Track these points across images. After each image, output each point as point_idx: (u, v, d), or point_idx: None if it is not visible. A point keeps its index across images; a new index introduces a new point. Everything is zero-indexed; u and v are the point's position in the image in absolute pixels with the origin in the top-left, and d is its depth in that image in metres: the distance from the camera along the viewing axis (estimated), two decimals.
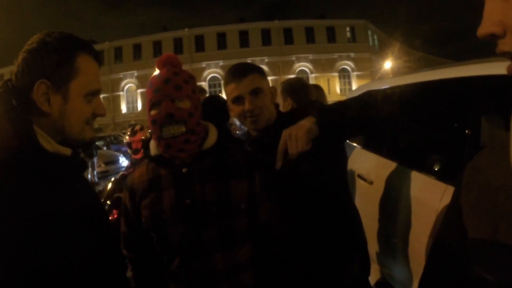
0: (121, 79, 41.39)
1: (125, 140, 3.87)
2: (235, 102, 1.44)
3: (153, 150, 1.30)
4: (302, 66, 40.21)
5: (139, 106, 40.77)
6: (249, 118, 1.43)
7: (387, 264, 2.25)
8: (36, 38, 0.89)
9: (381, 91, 1.40)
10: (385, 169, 2.25)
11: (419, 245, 1.71)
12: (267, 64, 38.45)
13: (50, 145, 0.87)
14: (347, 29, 41.63)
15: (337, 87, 39.75)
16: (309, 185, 1.43)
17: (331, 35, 40.94)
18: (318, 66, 39.69)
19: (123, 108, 41.87)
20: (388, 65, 31.22)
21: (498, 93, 1.65)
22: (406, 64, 32.62)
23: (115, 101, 41.42)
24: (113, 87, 41.09)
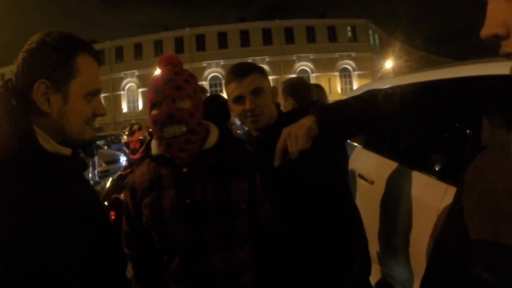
0: (122, 79, 41.41)
1: (123, 140, 3.77)
2: (236, 101, 1.44)
3: (154, 149, 1.30)
4: (303, 65, 40.17)
5: (140, 106, 40.80)
6: (249, 118, 1.43)
7: (388, 264, 2.25)
8: (35, 38, 0.89)
9: (382, 91, 1.39)
10: (386, 169, 2.25)
11: (420, 245, 1.71)
12: (268, 63, 38.43)
13: (50, 145, 0.87)
14: (348, 28, 41.58)
15: (338, 87, 39.69)
16: (309, 184, 1.42)
17: (332, 35, 40.89)
18: (319, 65, 39.65)
19: (124, 107, 41.90)
20: (389, 64, 31.20)
21: (499, 93, 1.65)
22: (407, 63, 32.61)
23: (116, 100, 41.45)
24: (114, 87, 41.12)
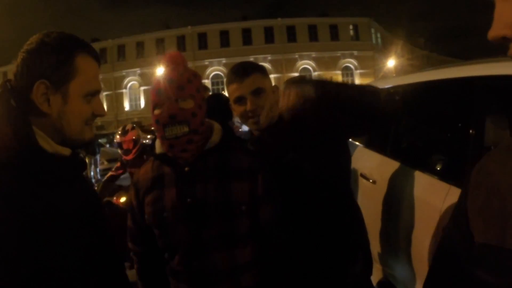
0: (124, 77, 41.48)
1: (115, 140, 3.59)
2: (237, 102, 1.44)
3: (158, 148, 1.30)
4: (305, 64, 40.16)
5: (142, 104, 40.87)
6: (251, 119, 1.43)
7: (390, 264, 2.25)
8: (35, 38, 0.88)
9: (385, 90, 1.38)
10: (388, 168, 2.24)
11: (422, 245, 1.70)
12: (270, 62, 38.42)
13: (49, 145, 0.87)
14: (350, 27, 41.52)
15: None
16: (311, 184, 1.42)
17: (334, 33, 40.84)
18: (321, 64, 39.59)
19: (126, 105, 41.97)
20: (391, 63, 31.17)
21: (502, 93, 1.64)
22: (410, 62, 32.55)
23: (118, 98, 41.53)
24: (116, 85, 41.20)
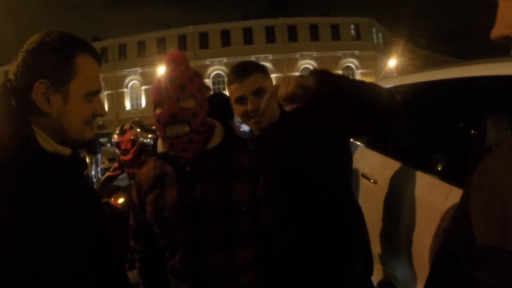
0: (125, 76, 41.51)
1: (113, 139, 3.49)
2: (238, 102, 1.43)
3: (160, 147, 1.30)
4: (306, 63, 40.12)
5: (143, 103, 40.89)
6: (252, 119, 1.43)
7: (390, 264, 2.24)
8: (35, 38, 0.88)
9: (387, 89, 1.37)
10: (389, 168, 2.24)
11: (423, 245, 1.70)
12: (271, 61, 38.41)
13: (49, 145, 0.87)
14: (352, 26, 41.49)
15: None
16: (312, 183, 1.41)
17: (336, 33, 40.82)
18: (322, 63, 39.49)
19: (127, 105, 42.01)
20: (392, 63, 31.12)
21: (504, 93, 1.64)
22: (411, 62, 32.48)
23: (119, 98, 41.57)
24: (117, 84, 41.24)
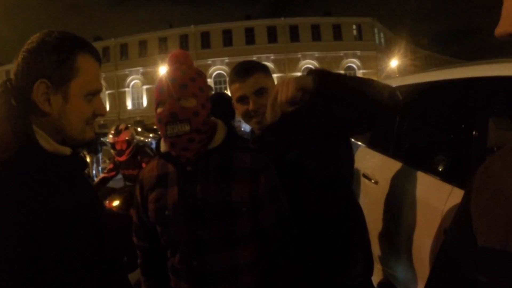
0: (126, 76, 41.58)
1: (108, 140, 3.42)
2: (239, 101, 1.44)
3: (162, 146, 1.30)
4: (308, 63, 40.10)
5: (145, 103, 40.94)
6: (253, 118, 1.43)
7: (391, 264, 2.24)
8: (36, 37, 0.88)
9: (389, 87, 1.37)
10: (390, 169, 2.23)
11: (423, 246, 1.70)
12: (273, 61, 38.43)
13: (50, 144, 0.87)
14: (354, 27, 41.48)
15: None
16: (313, 183, 1.41)
17: (337, 33, 40.81)
18: (324, 63, 39.48)
19: (129, 104, 42.08)
20: (394, 63, 31.11)
21: (506, 94, 1.63)
22: (413, 62, 32.48)
23: (121, 97, 41.64)
24: (118, 83, 41.30)
